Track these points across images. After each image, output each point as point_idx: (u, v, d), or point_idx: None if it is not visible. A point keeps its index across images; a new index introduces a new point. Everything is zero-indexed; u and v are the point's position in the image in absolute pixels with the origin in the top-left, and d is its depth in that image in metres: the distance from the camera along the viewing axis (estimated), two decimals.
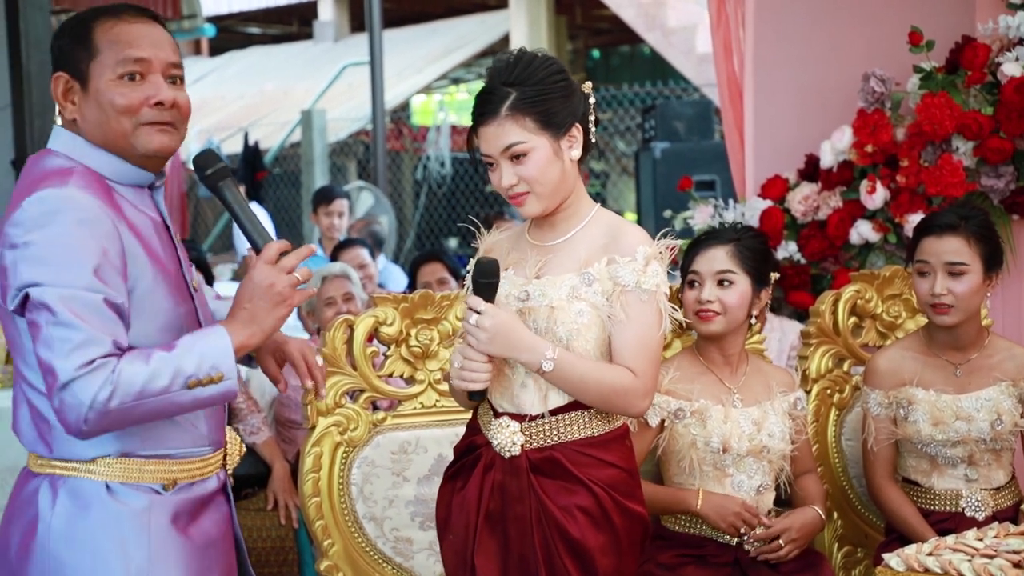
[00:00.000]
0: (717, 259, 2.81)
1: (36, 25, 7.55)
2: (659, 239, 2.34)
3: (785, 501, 2.95)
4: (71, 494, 2.03)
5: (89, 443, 2.01)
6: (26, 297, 1.94)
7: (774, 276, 2.89)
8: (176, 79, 2.11)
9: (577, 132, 2.32)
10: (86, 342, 1.91)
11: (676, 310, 2.35)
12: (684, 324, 2.82)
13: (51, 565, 2.01)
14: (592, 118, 2.36)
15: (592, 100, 2.36)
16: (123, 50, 2.03)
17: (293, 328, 6.07)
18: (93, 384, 1.90)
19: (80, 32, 2.05)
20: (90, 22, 2.06)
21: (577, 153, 2.33)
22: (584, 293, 2.29)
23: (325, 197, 7.01)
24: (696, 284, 2.82)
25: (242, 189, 9.06)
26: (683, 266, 2.87)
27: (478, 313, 2.24)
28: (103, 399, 1.90)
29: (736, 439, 2.76)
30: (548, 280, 2.32)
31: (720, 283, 2.80)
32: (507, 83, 2.28)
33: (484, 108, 2.29)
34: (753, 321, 2.86)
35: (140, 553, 2.03)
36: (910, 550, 2.44)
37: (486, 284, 2.26)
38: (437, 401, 2.98)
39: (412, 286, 4.98)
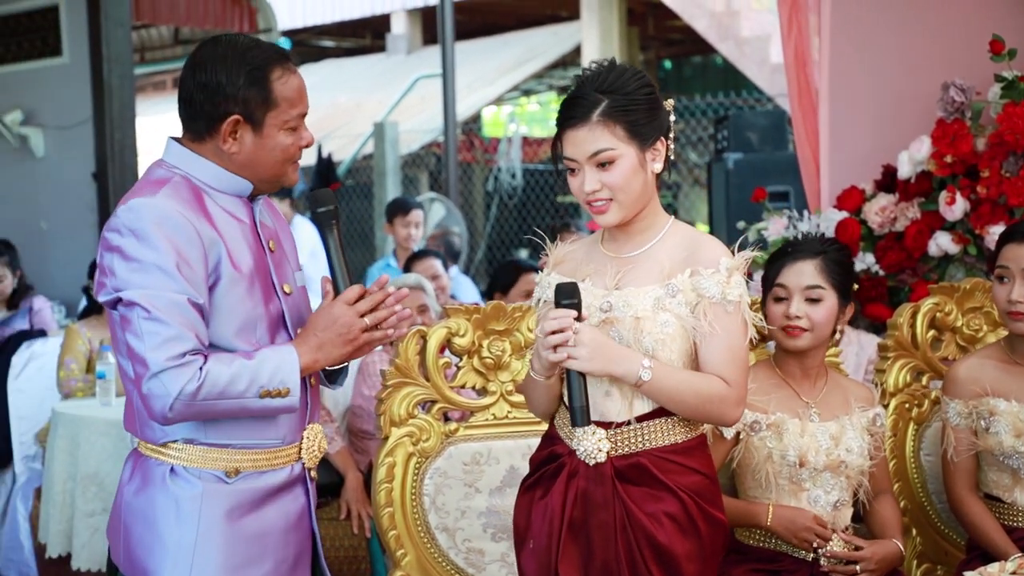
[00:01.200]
0: (805, 273, 2.76)
1: (117, 40, 7.71)
2: (737, 250, 2.34)
3: (863, 519, 2.90)
4: (142, 471, 2.29)
5: (162, 429, 2.24)
6: (119, 298, 2.17)
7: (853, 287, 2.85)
8: None
9: (661, 146, 2.33)
10: (175, 337, 2.14)
11: (761, 320, 2.34)
12: (764, 335, 2.78)
13: (122, 528, 2.29)
14: (671, 135, 2.36)
15: (672, 118, 2.36)
16: (295, 106, 2.28)
17: None
18: (182, 377, 2.13)
19: (260, 81, 2.24)
20: (266, 70, 2.25)
21: (659, 167, 2.33)
22: (669, 304, 2.29)
23: (402, 208, 7.04)
24: (783, 299, 2.78)
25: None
26: (768, 277, 2.82)
27: (573, 332, 2.22)
28: (190, 391, 2.13)
29: (813, 453, 2.72)
30: (630, 291, 2.31)
31: (809, 299, 2.76)
32: (599, 90, 2.28)
33: (574, 112, 2.29)
34: (837, 336, 2.82)
35: (188, 535, 2.23)
36: (992, 568, 2.39)
37: (572, 305, 2.25)
38: (509, 412, 2.98)
39: (505, 292, 4.96)
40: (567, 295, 2.26)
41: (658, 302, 2.29)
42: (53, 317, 5.90)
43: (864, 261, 4.02)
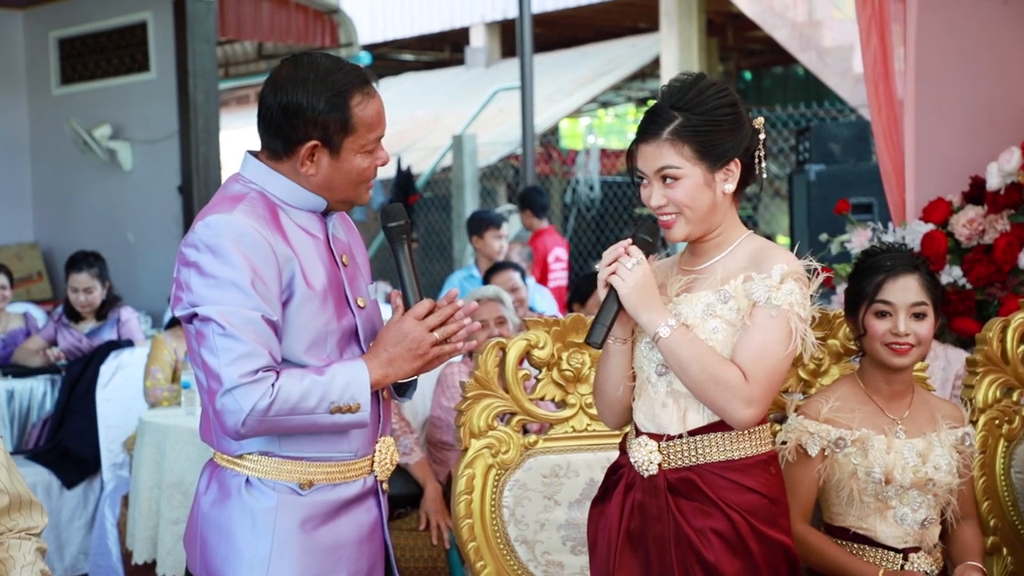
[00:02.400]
0: (911, 290, 2.71)
1: (202, 56, 7.86)
2: (804, 261, 2.31)
3: (946, 541, 2.82)
4: (219, 482, 2.31)
5: (237, 441, 2.26)
6: (195, 313, 2.19)
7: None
8: None
9: (735, 167, 2.31)
10: (248, 354, 2.15)
11: (807, 333, 2.28)
12: (843, 350, 2.73)
13: (198, 538, 2.32)
14: (760, 153, 2.33)
15: (762, 136, 2.34)
16: (372, 131, 2.29)
17: None
18: (255, 393, 2.14)
19: (340, 106, 2.24)
20: (346, 96, 2.25)
21: (731, 187, 2.32)
22: (719, 310, 2.28)
23: (494, 221, 7.15)
24: (888, 315, 2.72)
25: None
26: (863, 290, 2.75)
27: (635, 261, 2.26)
28: (262, 408, 2.15)
29: (899, 470, 2.66)
30: (685, 298, 2.32)
31: (915, 315, 2.71)
32: (675, 106, 2.28)
33: (647, 127, 2.31)
34: (938, 353, 2.76)
35: (263, 546, 2.23)
36: None
37: (645, 242, 2.31)
38: (588, 425, 2.97)
39: (583, 302, 4.97)
40: (646, 232, 2.33)
41: (708, 308, 2.28)
42: (140, 327, 6.02)
43: (951, 274, 3.94)
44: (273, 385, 2.15)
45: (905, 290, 2.71)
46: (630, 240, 2.31)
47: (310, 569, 2.27)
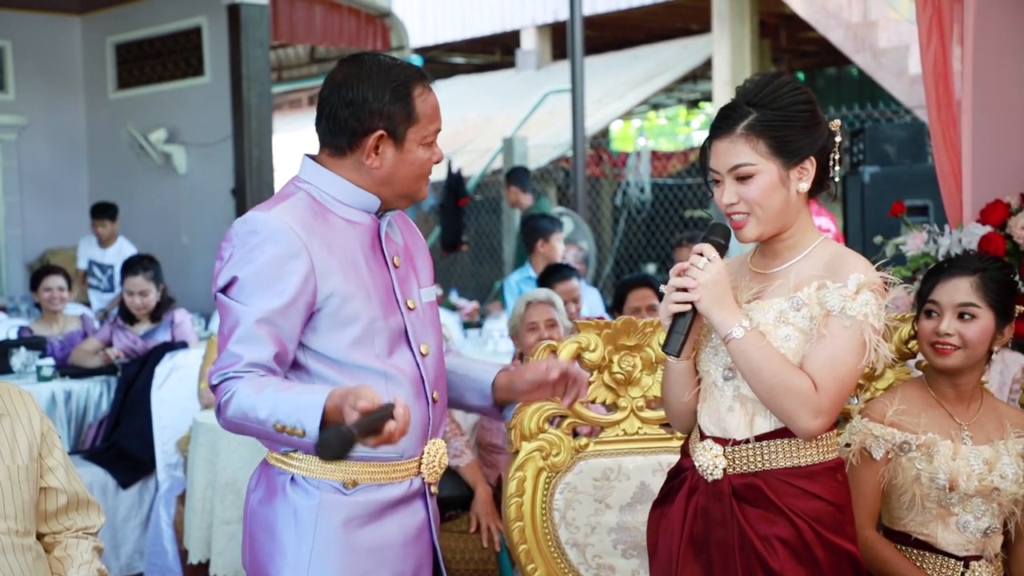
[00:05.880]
0: (960, 290, 2.67)
1: (256, 60, 7.94)
2: (876, 267, 2.27)
3: (1007, 555, 2.77)
4: (267, 480, 2.34)
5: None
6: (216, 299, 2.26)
7: (1019, 309, 2.73)
8: None
9: (810, 165, 2.28)
10: (231, 355, 2.20)
11: (881, 344, 2.24)
12: (894, 359, 2.69)
13: (248, 534, 2.36)
14: (835, 157, 2.30)
15: (838, 139, 2.31)
16: (433, 122, 2.35)
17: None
18: (221, 392, 2.21)
19: (403, 97, 2.30)
20: (409, 87, 2.31)
21: (805, 186, 2.28)
22: (792, 318, 2.24)
23: (558, 225, 7.22)
24: (934, 315, 2.69)
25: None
26: (921, 294, 2.74)
27: (708, 260, 2.23)
28: (222, 405, 2.21)
29: (964, 478, 2.61)
30: (757, 304, 2.28)
31: (961, 316, 2.67)
32: (750, 103, 2.26)
33: (721, 123, 2.28)
34: (994, 357, 2.71)
35: (305, 545, 2.26)
36: None
37: (720, 244, 2.27)
38: (640, 428, 2.96)
39: (619, 308, 4.97)
40: (723, 235, 2.28)
41: (781, 315, 2.25)
42: (193, 329, 6.08)
43: None
44: (234, 389, 2.17)
45: (954, 291, 2.67)
46: (708, 249, 2.26)
47: (352, 569, 2.28)
